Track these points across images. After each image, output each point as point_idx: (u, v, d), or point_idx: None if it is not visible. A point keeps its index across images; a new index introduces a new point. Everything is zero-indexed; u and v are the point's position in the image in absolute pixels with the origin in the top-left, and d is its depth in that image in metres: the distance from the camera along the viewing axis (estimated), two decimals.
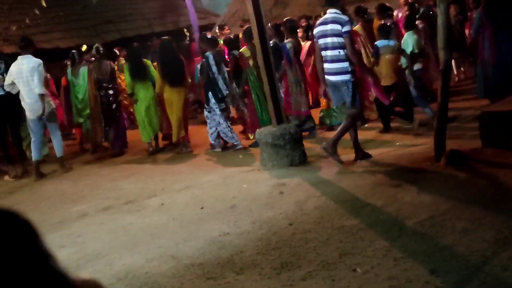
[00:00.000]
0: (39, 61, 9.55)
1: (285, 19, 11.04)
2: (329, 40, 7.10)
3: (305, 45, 11.02)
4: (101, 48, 11.38)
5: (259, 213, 5.84)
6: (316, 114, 10.27)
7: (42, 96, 9.45)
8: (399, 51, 9.15)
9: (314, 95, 11.59)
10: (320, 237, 4.89)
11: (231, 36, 11.71)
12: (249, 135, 10.06)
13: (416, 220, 4.90)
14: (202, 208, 6.41)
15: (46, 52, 14.93)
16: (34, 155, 9.72)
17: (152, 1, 21.02)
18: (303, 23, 12.91)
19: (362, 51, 9.70)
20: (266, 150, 7.77)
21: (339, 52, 7.07)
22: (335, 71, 7.16)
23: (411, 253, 4.27)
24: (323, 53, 7.20)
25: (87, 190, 8.37)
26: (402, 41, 9.53)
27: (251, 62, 9.55)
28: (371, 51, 9.53)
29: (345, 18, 7.07)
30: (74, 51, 11.94)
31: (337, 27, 6.98)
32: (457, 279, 3.76)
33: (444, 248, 4.27)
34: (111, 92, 11.19)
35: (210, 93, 9.66)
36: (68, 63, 11.99)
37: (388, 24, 9.83)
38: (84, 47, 11.35)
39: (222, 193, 6.96)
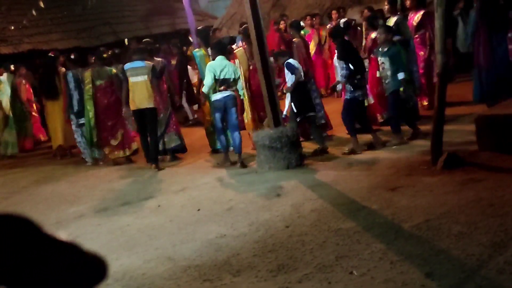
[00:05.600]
0: None
1: (144, 40, 10.80)
2: None
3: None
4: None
5: (256, 216, 5.85)
6: None
7: None
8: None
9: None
10: (317, 240, 4.91)
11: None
12: None
13: (412, 224, 4.92)
14: (199, 210, 6.42)
15: (44, 53, 14.92)
16: None
17: (149, 3, 21.01)
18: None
19: (240, 71, 9.09)
20: (263, 152, 7.78)
21: None
22: None
23: (407, 256, 4.29)
24: None
25: (84, 191, 8.36)
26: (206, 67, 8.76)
27: (88, 85, 9.95)
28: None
29: None
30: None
31: None
32: (453, 283, 3.78)
33: (440, 252, 4.28)
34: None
35: (69, 108, 10.44)
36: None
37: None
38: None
39: (219, 195, 6.98)
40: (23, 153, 12.47)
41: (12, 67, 12.92)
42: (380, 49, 8.44)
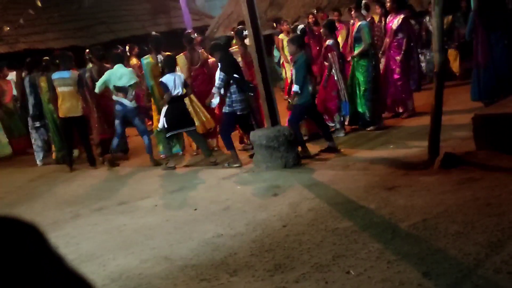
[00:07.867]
0: None
1: (96, 47, 10.88)
2: None
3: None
4: None
5: (252, 215, 5.85)
6: None
7: None
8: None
9: None
10: (314, 239, 4.90)
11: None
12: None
13: (409, 223, 4.92)
14: (195, 209, 6.41)
15: (40, 52, 14.88)
16: None
17: (146, 2, 21.00)
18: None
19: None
20: (260, 152, 7.77)
21: None
22: None
23: (404, 256, 4.28)
24: None
25: (80, 191, 8.35)
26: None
27: (45, 89, 10.37)
28: None
29: None
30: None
31: None
32: (450, 282, 3.78)
33: (437, 251, 4.28)
34: None
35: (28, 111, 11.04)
36: None
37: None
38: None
39: (216, 194, 6.97)
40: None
41: None
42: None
